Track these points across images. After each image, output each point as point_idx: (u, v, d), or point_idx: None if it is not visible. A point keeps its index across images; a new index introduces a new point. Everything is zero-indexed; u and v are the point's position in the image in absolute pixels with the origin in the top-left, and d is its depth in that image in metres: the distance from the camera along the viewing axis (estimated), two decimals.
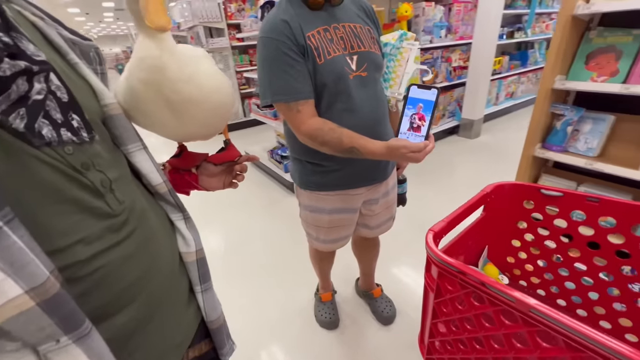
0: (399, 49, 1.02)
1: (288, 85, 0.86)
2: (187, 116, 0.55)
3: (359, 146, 0.83)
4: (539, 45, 5.18)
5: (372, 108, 0.96)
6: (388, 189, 1.18)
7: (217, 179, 0.70)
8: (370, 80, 0.95)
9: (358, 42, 0.94)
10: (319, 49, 0.87)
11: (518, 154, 1.35)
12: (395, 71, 1.03)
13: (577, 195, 0.77)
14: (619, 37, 1.09)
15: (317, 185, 1.08)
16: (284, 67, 0.85)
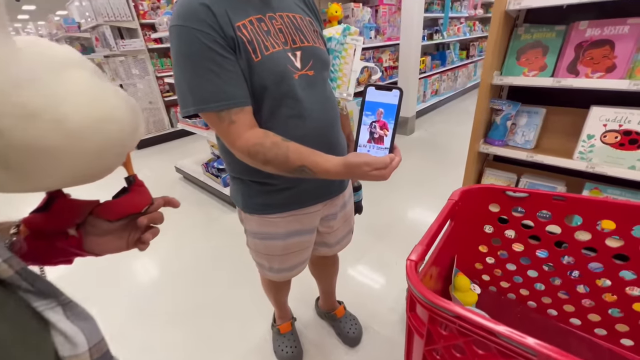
0: (343, 44, 0.91)
1: (217, 89, 0.67)
2: (27, 169, 0.33)
3: (311, 164, 0.68)
4: (453, 47, 5.70)
5: (323, 112, 0.82)
6: (345, 201, 1.06)
7: (115, 238, 0.47)
8: (318, 79, 0.81)
9: (300, 35, 0.78)
10: (254, 42, 0.70)
11: (452, 146, 1.35)
12: (342, 69, 0.91)
13: (542, 195, 0.74)
14: (544, 33, 1.13)
15: (266, 208, 0.89)
16: (209, 66, 0.66)
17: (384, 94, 0.61)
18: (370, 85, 0.61)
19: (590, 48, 1.03)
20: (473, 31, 6.14)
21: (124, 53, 4.09)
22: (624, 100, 1.09)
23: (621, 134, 1.01)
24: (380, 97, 0.61)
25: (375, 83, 0.61)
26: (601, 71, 1.02)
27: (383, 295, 1.67)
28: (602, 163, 1.06)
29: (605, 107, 1.02)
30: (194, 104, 0.69)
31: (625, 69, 0.99)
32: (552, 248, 0.78)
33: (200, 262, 2.02)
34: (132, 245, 0.48)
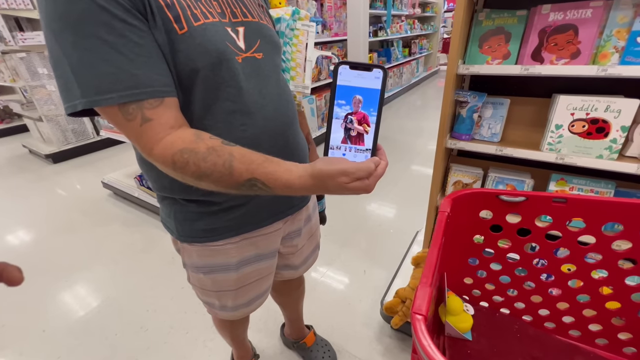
0: (293, 30, 0.75)
1: (118, 72, 0.45)
2: None
3: (265, 177, 0.48)
4: (396, 44, 5.85)
5: (278, 105, 0.63)
6: (310, 213, 0.88)
7: None
8: (268, 65, 0.61)
9: (241, 7, 0.59)
10: (176, 8, 0.49)
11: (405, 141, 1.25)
12: (295, 58, 0.75)
13: (541, 198, 0.64)
14: (505, 18, 1.07)
15: (209, 233, 0.68)
16: (103, 35, 0.44)
17: (361, 75, 0.43)
18: (343, 64, 0.43)
19: (553, 33, 0.98)
20: (413, 29, 6.38)
21: (25, 48, 3.39)
22: (584, 87, 1.07)
23: (588, 122, 0.98)
24: (356, 80, 0.43)
25: (349, 61, 0.43)
26: (566, 57, 0.98)
27: (355, 309, 1.52)
28: (571, 153, 1.02)
29: (572, 96, 0.98)
30: (83, 94, 0.45)
31: (589, 55, 0.95)
32: (552, 256, 0.68)
33: (136, 296, 1.67)
34: None
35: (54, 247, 2.13)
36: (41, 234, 2.29)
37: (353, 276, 1.73)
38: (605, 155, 0.98)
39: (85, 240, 2.19)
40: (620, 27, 0.90)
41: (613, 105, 0.93)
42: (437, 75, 8.24)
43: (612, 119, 0.95)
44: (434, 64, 8.22)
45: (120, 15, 0.44)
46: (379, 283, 1.65)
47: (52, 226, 2.38)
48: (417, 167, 3.10)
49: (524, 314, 0.78)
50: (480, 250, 0.74)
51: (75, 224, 2.39)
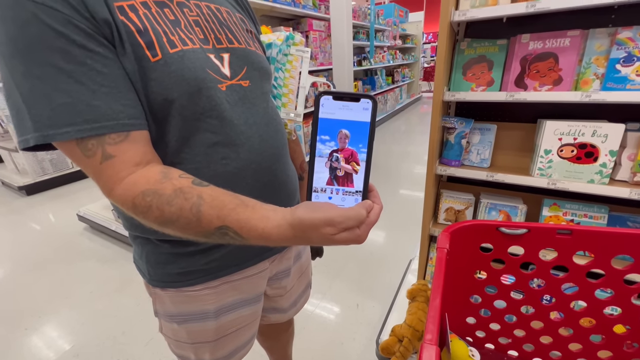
0: (286, 55, 0.72)
1: (77, 103, 0.40)
2: None
3: (238, 224, 0.41)
4: (380, 72, 6.08)
5: (266, 136, 0.57)
6: (300, 250, 0.80)
7: None
8: (256, 93, 0.57)
9: (227, 33, 0.55)
10: (150, 33, 0.45)
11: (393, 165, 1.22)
12: (287, 85, 0.71)
13: (545, 229, 0.60)
14: (487, 47, 1.09)
15: (185, 277, 0.60)
16: (58, 63, 0.39)
17: (347, 106, 0.39)
18: (326, 94, 0.38)
19: (535, 61, 0.99)
20: (395, 59, 6.67)
21: None
22: (570, 113, 1.08)
23: (577, 147, 0.97)
24: (342, 113, 0.39)
25: (333, 90, 0.38)
26: (548, 84, 0.99)
27: (348, 350, 1.41)
28: (562, 178, 1.01)
29: (559, 121, 0.98)
30: (36, 127, 0.40)
31: (571, 81, 0.96)
32: (560, 293, 0.63)
33: (108, 343, 1.51)
34: None
35: (19, 288, 1.94)
36: (5, 273, 2.10)
37: (345, 310, 1.63)
38: (597, 180, 0.97)
39: (54, 279, 2.01)
40: (598, 55, 0.92)
41: (599, 130, 0.93)
42: (419, 101, 8.54)
43: (599, 144, 0.94)
44: (417, 91, 8.55)
45: (79, 41, 0.40)
46: (373, 317, 1.55)
47: (18, 264, 2.19)
48: (406, 192, 3.08)
49: (534, 356, 0.71)
50: (482, 286, 0.68)
51: (45, 261, 2.20)
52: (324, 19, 3.74)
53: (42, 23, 0.38)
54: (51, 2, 0.38)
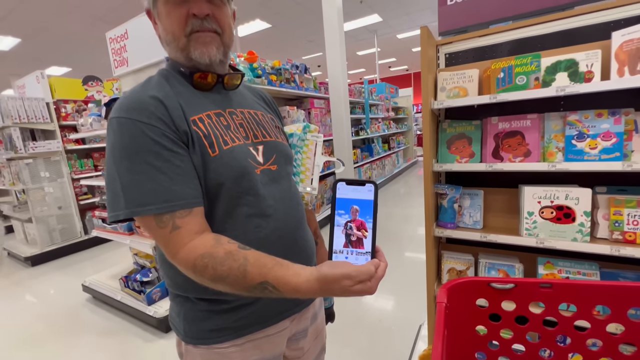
0: (304, 140, 0.90)
1: (159, 188, 0.55)
2: None
3: (275, 280, 0.52)
4: (377, 141, 6.55)
5: (289, 209, 0.71)
6: (316, 311, 0.86)
7: None
8: (282, 174, 0.72)
9: (262, 130, 0.73)
10: (211, 137, 0.62)
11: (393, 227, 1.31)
12: (305, 164, 0.88)
13: (529, 284, 0.68)
14: (464, 126, 1.30)
15: (216, 334, 0.67)
16: (152, 161, 0.55)
17: (356, 189, 0.53)
18: (340, 181, 0.53)
19: (506, 138, 1.18)
20: (390, 128, 7.25)
21: (32, 155, 3.62)
22: (546, 178, 1.23)
23: (555, 209, 1.10)
24: (352, 194, 0.53)
25: (345, 178, 0.53)
26: (520, 156, 1.16)
27: None
28: (549, 237, 1.11)
29: (535, 186, 1.13)
30: (127, 205, 0.54)
31: (539, 154, 1.13)
32: (555, 345, 0.68)
33: None
34: None
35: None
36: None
37: None
38: (579, 238, 1.07)
39: (51, 357, 1.93)
40: (555, 133, 1.11)
41: (571, 194, 1.07)
42: (416, 165, 8.97)
43: (574, 206, 1.07)
44: (412, 156, 9.05)
45: (167, 146, 0.57)
46: None
47: (14, 340, 2.12)
48: (410, 254, 3.10)
49: None
50: (485, 342, 0.73)
51: (43, 336, 2.14)
52: (324, 98, 4.24)
53: (146, 136, 0.55)
54: (153, 122, 0.56)
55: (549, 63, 1.08)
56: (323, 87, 4.34)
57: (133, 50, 2.50)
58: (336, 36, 3.87)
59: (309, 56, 10.47)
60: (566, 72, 1.06)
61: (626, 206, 1.02)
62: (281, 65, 3.43)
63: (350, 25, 7.64)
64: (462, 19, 1.30)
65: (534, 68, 1.06)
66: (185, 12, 0.61)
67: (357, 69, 13.87)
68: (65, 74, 9.13)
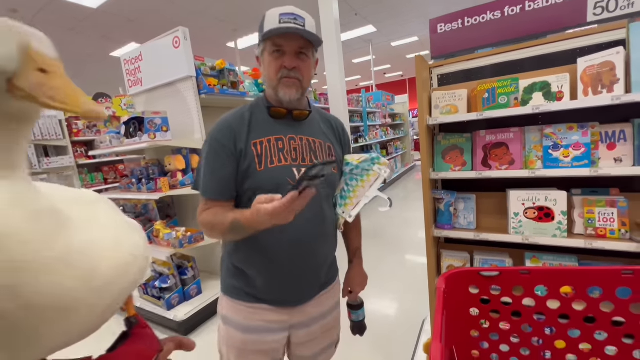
0: (367, 170, 0.92)
1: (206, 180, 0.86)
2: (36, 334, 0.28)
3: (241, 216, 0.75)
4: (375, 147, 6.73)
5: (310, 223, 0.87)
6: (323, 312, 0.99)
7: None
8: (315, 196, 0.86)
9: (312, 155, 0.89)
10: (262, 156, 0.84)
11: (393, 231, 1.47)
12: (356, 191, 0.91)
13: (511, 271, 0.84)
14: (457, 139, 1.47)
15: (236, 291, 0.93)
16: (212, 165, 0.85)
17: None
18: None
19: (493, 148, 1.36)
20: (387, 134, 7.44)
21: (46, 171, 3.78)
22: (529, 183, 1.40)
23: (537, 209, 1.26)
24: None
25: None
26: (505, 164, 1.33)
27: None
28: (533, 235, 1.27)
29: (519, 190, 1.29)
30: (198, 186, 0.88)
31: (521, 162, 1.30)
32: (533, 321, 0.84)
33: None
34: None
35: None
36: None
37: None
38: (558, 235, 1.23)
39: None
40: (535, 144, 1.28)
41: (549, 196, 1.24)
42: (414, 169, 9.16)
43: (552, 206, 1.24)
44: (410, 161, 9.24)
45: (225, 157, 0.83)
46: None
47: None
48: (411, 257, 3.25)
49: None
50: (477, 322, 0.88)
51: None
52: (324, 108, 4.43)
53: (215, 147, 0.82)
54: (222, 141, 0.83)
55: (526, 84, 1.25)
56: (323, 98, 4.54)
57: (147, 71, 2.68)
58: (334, 50, 4.08)
59: None
60: (541, 92, 1.23)
61: (597, 205, 1.19)
62: None
63: (346, 36, 7.90)
64: (451, 45, 1.48)
65: (513, 89, 1.24)
66: (280, 64, 0.81)
67: (353, 76, 14.16)
68: None
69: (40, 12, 5.02)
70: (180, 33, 2.33)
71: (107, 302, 0.33)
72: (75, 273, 0.29)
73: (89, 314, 0.31)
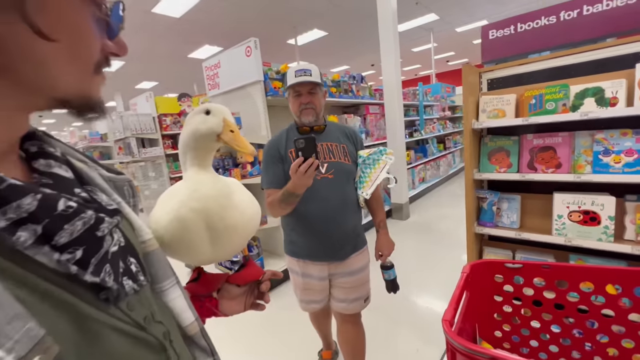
0: (378, 160, 1.26)
1: (266, 179, 1.27)
2: (224, 241, 0.55)
3: (286, 186, 1.10)
4: (431, 141, 6.56)
5: (334, 202, 1.22)
6: (354, 269, 1.32)
7: (238, 301, 0.64)
8: (336, 181, 1.23)
9: (331, 155, 1.23)
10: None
11: (446, 227, 1.59)
12: (370, 176, 1.25)
13: (533, 265, 0.94)
14: (504, 141, 1.52)
15: (291, 252, 1.35)
16: (268, 167, 1.27)
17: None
18: None
19: (539, 152, 1.40)
20: (445, 128, 7.16)
21: (144, 159, 4.60)
22: (576, 186, 1.41)
23: (582, 213, 1.29)
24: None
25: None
26: (552, 168, 1.36)
27: None
28: (576, 237, 1.30)
29: (564, 194, 1.33)
30: (262, 186, 1.28)
31: (569, 166, 1.33)
32: (554, 310, 0.94)
33: None
34: (249, 307, 0.65)
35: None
36: None
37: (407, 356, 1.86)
38: (604, 239, 1.25)
39: None
40: (585, 148, 1.29)
41: (596, 201, 1.25)
42: None
43: (599, 211, 1.25)
44: None
45: (273, 161, 1.25)
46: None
47: None
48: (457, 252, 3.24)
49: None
50: (501, 307, 1.01)
51: None
52: (379, 103, 4.52)
53: (267, 158, 1.18)
54: (271, 152, 1.21)
55: (578, 90, 1.27)
56: (378, 94, 4.62)
57: (223, 77, 3.12)
58: (391, 44, 4.11)
59: (362, 57, 10.71)
60: (593, 98, 1.24)
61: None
62: (340, 78, 3.82)
63: (405, 26, 7.70)
64: (502, 50, 1.52)
65: (561, 96, 1.27)
66: (299, 101, 1.24)
67: (412, 65, 13.62)
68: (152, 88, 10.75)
69: (140, 25, 5.96)
70: (252, 43, 2.68)
71: (248, 232, 0.59)
72: (238, 211, 0.56)
73: (241, 236, 0.58)
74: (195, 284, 0.62)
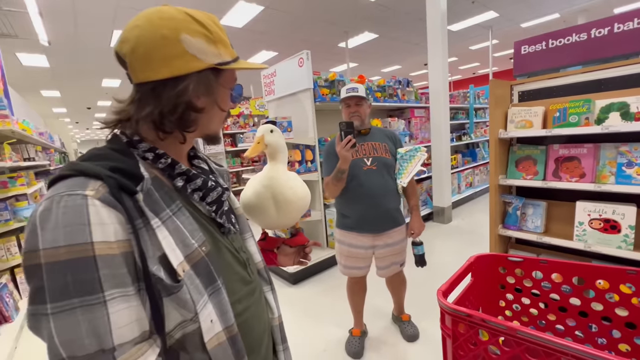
0: (413, 156, 1.61)
1: (325, 167, 1.63)
2: (285, 212, 0.85)
3: (336, 169, 1.46)
4: (482, 145, 6.33)
5: (377, 187, 1.53)
6: (392, 242, 1.66)
7: (289, 258, 0.93)
8: (378, 171, 1.54)
9: (374, 151, 1.56)
10: (354, 155, 1.49)
11: (487, 234, 1.71)
12: (407, 169, 1.60)
13: (532, 260, 1.08)
14: (532, 150, 1.61)
15: (342, 226, 1.71)
16: (326, 160, 1.65)
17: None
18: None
19: (565, 161, 1.48)
20: None
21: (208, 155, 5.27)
22: (598, 196, 1.46)
23: (603, 221, 1.35)
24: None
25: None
26: (576, 177, 1.44)
27: None
28: (596, 244, 1.37)
29: (586, 202, 1.40)
30: (323, 172, 1.51)
31: (592, 176, 1.40)
32: (550, 301, 1.07)
33: None
34: (296, 263, 0.94)
35: None
36: None
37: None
38: (623, 247, 1.31)
39: None
40: (609, 160, 1.35)
41: (617, 210, 1.31)
42: None
43: (620, 220, 1.31)
44: None
45: (331, 157, 1.54)
46: None
47: None
48: None
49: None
50: (504, 295, 1.15)
51: None
52: (424, 107, 4.57)
53: (326, 155, 1.55)
54: (330, 150, 1.55)
55: (603, 104, 1.34)
56: (424, 97, 4.67)
57: (278, 84, 3.52)
58: (438, 46, 4.14)
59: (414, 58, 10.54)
60: (618, 112, 1.30)
61: None
62: (385, 83, 3.98)
63: (460, 25, 7.48)
64: (533, 65, 1.62)
65: (584, 110, 1.35)
66: (349, 111, 1.61)
67: (470, 63, 12.96)
68: None
69: None
70: (304, 55, 3.01)
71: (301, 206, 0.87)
72: (292, 191, 0.84)
73: (295, 209, 0.86)
74: (263, 242, 0.93)
